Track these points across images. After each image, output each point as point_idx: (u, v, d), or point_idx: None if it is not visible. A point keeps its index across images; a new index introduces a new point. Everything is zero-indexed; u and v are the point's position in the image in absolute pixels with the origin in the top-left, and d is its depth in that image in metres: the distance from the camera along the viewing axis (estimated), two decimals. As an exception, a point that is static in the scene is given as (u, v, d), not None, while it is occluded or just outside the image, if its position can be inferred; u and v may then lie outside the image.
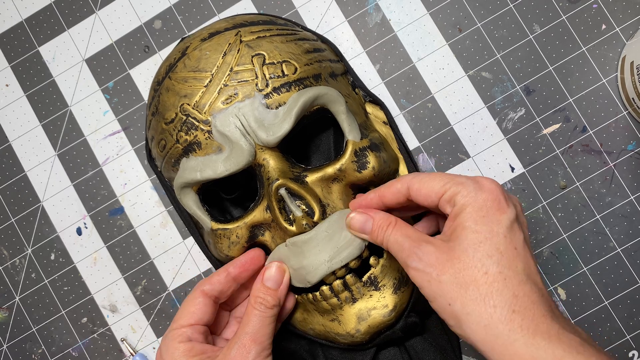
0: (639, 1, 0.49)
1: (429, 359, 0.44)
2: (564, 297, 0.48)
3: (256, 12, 0.51)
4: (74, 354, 0.51)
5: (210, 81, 0.40)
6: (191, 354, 0.38)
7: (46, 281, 0.51)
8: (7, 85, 0.53)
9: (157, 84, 0.43)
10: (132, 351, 0.50)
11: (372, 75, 0.50)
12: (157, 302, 0.51)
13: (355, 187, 0.42)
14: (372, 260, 0.41)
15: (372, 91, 0.50)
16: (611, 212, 0.48)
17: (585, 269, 0.48)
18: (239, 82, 0.40)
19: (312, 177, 0.41)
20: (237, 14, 0.47)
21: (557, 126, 0.49)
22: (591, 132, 0.49)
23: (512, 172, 0.49)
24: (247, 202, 0.48)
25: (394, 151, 0.46)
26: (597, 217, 0.48)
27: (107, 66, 0.52)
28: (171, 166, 0.43)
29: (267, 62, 0.40)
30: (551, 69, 0.49)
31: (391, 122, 0.47)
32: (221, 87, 0.40)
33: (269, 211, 0.41)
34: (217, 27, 0.43)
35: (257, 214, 0.41)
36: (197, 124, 0.40)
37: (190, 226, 0.47)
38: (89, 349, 0.51)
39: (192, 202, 0.43)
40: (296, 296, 0.43)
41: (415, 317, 0.42)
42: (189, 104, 0.40)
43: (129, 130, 0.52)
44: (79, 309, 0.51)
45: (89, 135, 0.52)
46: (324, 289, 0.41)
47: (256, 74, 0.40)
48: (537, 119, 0.49)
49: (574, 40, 0.49)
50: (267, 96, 0.40)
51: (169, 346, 0.39)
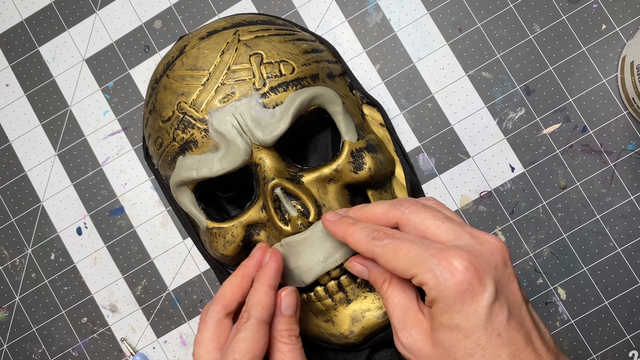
0: (639, 1, 0.49)
1: None
2: (564, 297, 0.48)
3: (256, 12, 0.51)
4: (74, 353, 0.51)
5: (207, 80, 0.40)
6: None
7: (46, 281, 0.51)
8: (7, 85, 0.53)
9: (155, 81, 0.43)
10: (132, 351, 0.50)
11: (372, 75, 0.50)
12: (157, 302, 0.51)
13: (351, 187, 0.42)
14: None
15: (372, 91, 0.50)
16: (611, 212, 0.48)
17: (585, 269, 0.48)
18: (236, 81, 0.40)
19: (308, 177, 0.41)
20: (236, 14, 0.47)
21: (557, 126, 0.49)
22: (591, 132, 0.49)
23: (512, 172, 0.49)
24: (244, 200, 0.48)
25: (390, 153, 0.45)
26: (597, 217, 0.48)
27: (107, 66, 0.52)
28: (168, 164, 0.43)
29: (264, 61, 0.40)
30: (551, 68, 0.49)
31: (388, 124, 0.47)
32: (218, 86, 0.40)
33: (264, 211, 0.40)
34: (216, 26, 0.43)
35: (253, 213, 0.41)
36: (193, 122, 0.40)
37: (186, 224, 0.47)
38: (89, 348, 0.51)
39: (188, 201, 0.43)
40: None
41: None
42: (186, 102, 0.40)
43: (129, 130, 0.52)
44: (79, 308, 0.51)
45: (89, 135, 0.52)
46: (319, 289, 0.41)
47: (254, 73, 0.40)
48: (537, 119, 0.49)
49: (574, 40, 0.49)
50: (264, 95, 0.40)
51: None
